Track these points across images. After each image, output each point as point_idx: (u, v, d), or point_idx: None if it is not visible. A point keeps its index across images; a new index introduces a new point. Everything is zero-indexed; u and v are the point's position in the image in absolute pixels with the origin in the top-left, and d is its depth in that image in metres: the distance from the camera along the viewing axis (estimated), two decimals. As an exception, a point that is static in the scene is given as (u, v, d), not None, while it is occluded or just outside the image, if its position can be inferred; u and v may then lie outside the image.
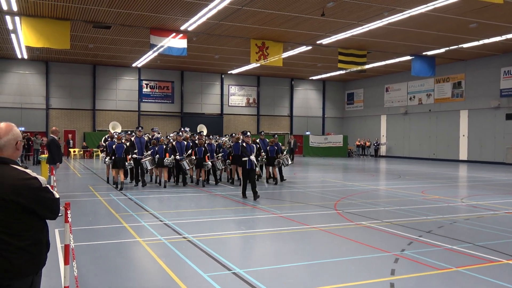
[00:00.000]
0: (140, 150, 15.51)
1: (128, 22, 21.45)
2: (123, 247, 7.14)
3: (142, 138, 15.79)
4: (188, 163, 15.21)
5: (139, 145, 15.52)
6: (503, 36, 23.30)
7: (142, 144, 15.61)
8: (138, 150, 15.46)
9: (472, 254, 6.76)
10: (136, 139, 15.65)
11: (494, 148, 29.67)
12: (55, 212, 3.07)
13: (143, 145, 15.58)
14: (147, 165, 15.04)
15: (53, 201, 3.02)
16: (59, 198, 3.09)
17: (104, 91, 35.55)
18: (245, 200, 12.33)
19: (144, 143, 15.71)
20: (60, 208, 3.18)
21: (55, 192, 3.08)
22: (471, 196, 13.80)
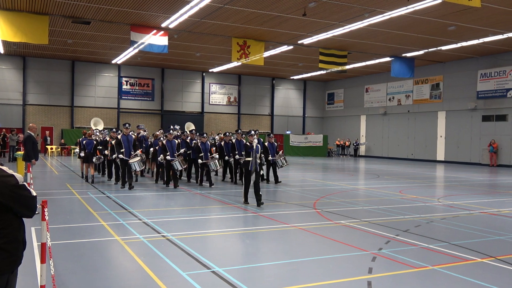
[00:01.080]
0: (128, 149, 14.13)
1: (108, 18, 21.20)
2: (101, 246, 7.07)
3: (129, 136, 14.45)
4: (181, 163, 14.36)
5: (126, 144, 14.15)
6: (480, 39, 23.76)
7: (130, 143, 14.27)
8: (125, 149, 14.06)
9: (447, 252, 6.89)
10: (123, 137, 14.28)
11: (470, 149, 30.24)
12: (32, 210, 3.03)
13: (130, 144, 14.25)
14: (136, 167, 13.95)
15: (30, 199, 2.99)
16: (36, 196, 3.05)
17: (83, 87, 35.08)
18: (227, 198, 12.31)
19: (132, 141, 14.39)
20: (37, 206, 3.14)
21: (32, 190, 3.04)
22: (448, 196, 14.05)
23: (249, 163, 11.13)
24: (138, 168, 14.07)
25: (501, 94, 28.11)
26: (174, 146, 14.71)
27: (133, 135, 14.56)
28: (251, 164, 11.06)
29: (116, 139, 14.42)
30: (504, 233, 8.39)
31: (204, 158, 15.17)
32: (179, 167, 14.43)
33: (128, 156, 14.02)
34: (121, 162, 14.16)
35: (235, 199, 12.29)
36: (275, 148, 16.52)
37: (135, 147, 14.36)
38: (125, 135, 14.29)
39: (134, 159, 13.98)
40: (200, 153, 15.24)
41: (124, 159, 14.01)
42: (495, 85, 28.49)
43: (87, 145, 15.87)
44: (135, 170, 14.12)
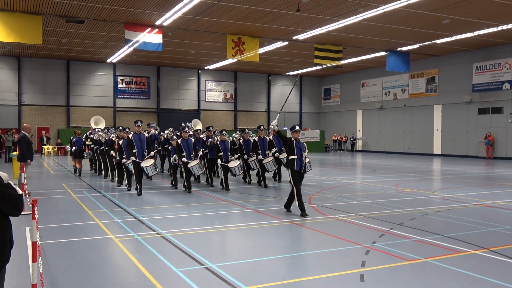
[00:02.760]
0: (140, 149, 12.54)
1: (101, 17, 21.14)
2: (95, 244, 7.07)
3: (142, 135, 12.78)
4: (199, 167, 12.88)
5: (138, 144, 12.54)
6: (475, 32, 23.74)
7: (143, 143, 12.61)
8: (137, 149, 12.51)
9: (441, 245, 6.91)
10: (134, 136, 12.67)
11: (466, 142, 30.29)
12: (18, 208, 3.03)
13: (143, 144, 12.61)
14: (149, 171, 12.57)
15: (16, 197, 2.99)
16: (22, 195, 3.05)
17: (79, 87, 35.01)
18: (222, 195, 12.31)
19: (145, 141, 12.74)
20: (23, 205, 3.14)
21: (17, 189, 3.04)
22: (443, 189, 14.09)
23: (293, 162, 9.32)
24: (151, 172, 12.64)
25: (497, 86, 28.15)
26: (190, 146, 13.02)
27: (145, 134, 13.17)
28: (296, 163, 9.30)
29: (128, 139, 12.87)
30: (498, 225, 8.42)
31: (224, 158, 13.65)
32: (197, 171, 12.85)
33: (141, 158, 12.54)
34: (134, 165, 12.62)
35: (234, 197, 12.30)
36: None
37: (148, 148, 12.77)
38: (137, 134, 12.67)
39: (148, 162, 12.49)
40: (219, 152, 13.77)
41: (136, 161, 12.49)
42: (491, 78, 28.52)
43: (76, 142, 17.52)
44: (147, 174, 12.77)
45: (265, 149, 14.27)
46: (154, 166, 12.72)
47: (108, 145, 15.37)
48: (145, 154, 12.62)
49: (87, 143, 18.58)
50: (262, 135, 14.62)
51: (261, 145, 14.33)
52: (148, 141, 12.94)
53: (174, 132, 16.92)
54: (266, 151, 14.27)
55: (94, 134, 17.97)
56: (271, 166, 14.11)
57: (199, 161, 12.90)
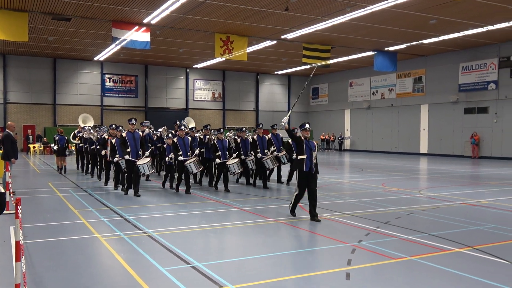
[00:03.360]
0: (134, 148, 12.01)
1: (88, 14, 20.96)
2: (81, 243, 7.02)
3: (136, 134, 12.23)
4: (196, 165, 12.45)
5: (132, 143, 12.02)
6: (461, 33, 23.98)
7: (137, 141, 12.10)
8: (131, 148, 11.96)
9: (426, 243, 6.97)
10: (128, 134, 12.11)
11: (453, 141, 30.59)
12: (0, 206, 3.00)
13: (137, 142, 12.09)
14: (144, 170, 11.97)
15: (-2, 196, 2.96)
16: (5, 193, 3.02)
17: (65, 85, 34.69)
18: (210, 194, 12.26)
19: (139, 139, 12.22)
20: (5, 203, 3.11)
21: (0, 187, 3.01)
22: (429, 188, 14.21)
23: (302, 162, 8.74)
24: (147, 171, 12.07)
25: (482, 86, 28.46)
26: (187, 145, 12.67)
27: (139, 132, 12.61)
28: (305, 164, 8.71)
29: (121, 137, 12.35)
30: (482, 223, 8.52)
31: (222, 157, 13.26)
32: (194, 169, 12.41)
33: (135, 157, 12.01)
34: (127, 164, 12.06)
35: (219, 195, 12.28)
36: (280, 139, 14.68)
37: (142, 147, 12.30)
38: (131, 133, 12.15)
39: (143, 160, 12.00)
40: (217, 152, 13.35)
41: (130, 160, 11.94)
42: (476, 78, 28.83)
43: (59, 140, 17.68)
44: (143, 173, 12.14)
45: (264, 147, 13.97)
46: (151, 164, 12.27)
47: (100, 144, 14.73)
48: (139, 154, 12.12)
49: (75, 142, 18.50)
50: (261, 134, 14.26)
51: (260, 144, 13.97)
52: (142, 140, 12.44)
53: (169, 130, 16.53)
54: (266, 150, 13.99)
55: (84, 132, 17.61)
56: (272, 164, 13.67)
57: (196, 159, 12.53)
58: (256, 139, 14.03)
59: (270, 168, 13.95)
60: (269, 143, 14.17)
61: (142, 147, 12.25)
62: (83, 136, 17.66)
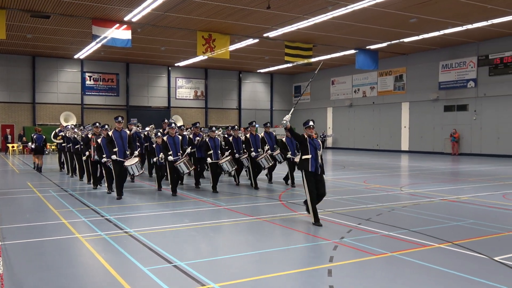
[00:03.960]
0: (122, 148, 11.40)
1: (68, 12, 20.66)
2: (61, 244, 6.92)
3: (123, 132, 11.61)
4: (187, 164, 11.88)
5: (119, 142, 11.40)
6: (441, 31, 24.29)
7: (124, 140, 11.47)
8: (119, 148, 11.35)
9: (407, 239, 7.05)
10: (115, 133, 11.48)
11: (433, 138, 30.99)
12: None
13: (125, 142, 11.46)
14: (133, 171, 11.34)
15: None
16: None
17: (45, 83, 34.16)
18: (193, 193, 12.19)
19: (127, 138, 11.57)
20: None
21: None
22: (410, 184, 14.38)
23: (307, 163, 8.22)
24: (136, 172, 11.41)
25: (462, 84, 28.88)
26: (177, 144, 12.13)
27: (126, 131, 11.97)
28: (310, 164, 8.21)
29: (107, 136, 11.64)
30: (462, 219, 8.65)
31: (214, 157, 12.63)
32: (185, 169, 11.82)
33: (123, 157, 11.38)
34: (115, 165, 11.38)
35: (205, 194, 12.24)
36: (273, 138, 14.23)
37: (130, 146, 11.64)
38: (118, 131, 11.50)
39: (132, 161, 11.33)
40: (209, 151, 12.66)
41: (118, 160, 11.30)
42: (456, 76, 29.25)
43: (37, 139, 18.06)
44: (132, 174, 11.52)
45: (258, 146, 13.51)
46: (139, 165, 11.58)
47: (84, 143, 13.99)
48: (127, 154, 11.44)
49: (56, 141, 18.27)
50: (254, 132, 13.78)
51: (253, 142, 13.49)
52: (130, 139, 11.74)
53: (157, 129, 15.99)
54: (259, 149, 13.53)
55: (67, 131, 16.83)
56: (267, 163, 13.19)
57: (187, 159, 12.00)
58: (250, 137, 13.55)
59: (266, 167, 13.45)
60: (262, 142, 13.74)
61: (130, 147, 11.60)
62: (66, 135, 16.98)
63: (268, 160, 13.24)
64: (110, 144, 11.40)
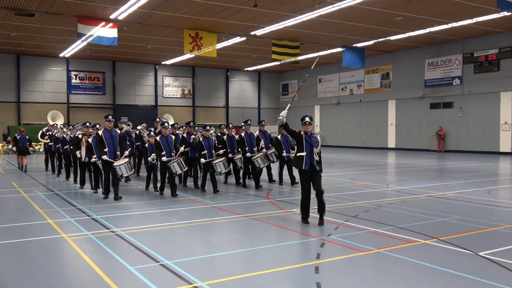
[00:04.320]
0: (112, 148, 11.02)
1: (53, 10, 20.43)
2: (47, 244, 6.85)
3: (113, 132, 11.21)
4: (180, 165, 11.41)
5: (109, 141, 11.01)
6: (426, 29, 24.48)
7: (115, 140, 11.10)
8: (109, 148, 10.97)
9: (393, 236, 7.11)
10: (105, 132, 11.07)
11: (419, 136, 31.25)
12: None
13: (115, 141, 11.10)
14: (122, 171, 10.82)
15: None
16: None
17: (30, 82, 33.74)
18: (185, 193, 12.11)
19: (117, 138, 11.21)
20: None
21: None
22: (397, 181, 14.49)
23: (301, 160, 8.09)
24: (125, 173, 10.92)
25: (447, 82, 29.15)
26: (171, 144, 11.73)
27: (117, 130, 11.55)
28: (305, 161, 8.08)
29: (97, 136, 11.18)
30: (447, 215, 8.74)
31: (208, 156, 12.12)
32: (178, 170, 11.37)
33: (113, 157, 10.99)
34: (104, 166, 11.05)
35: (192, 193, 12.20)
36: (268, 136, 13.80)
37: (121, 146, 11.26)
38: (108, 131, 11.11)
39: (121, 161, 10.90)
40: (202, 150, 12.18)
41: (108, 161, 10.89)
42: (442, 74, 29.50)
43: (20, 139, 18.05)
44: (121, 175, 10.95)
45: (253, 145, 13.12)
46: (129, 165, 11.02)
47: (74, 144, 13.52)
48: (117, 154, 11.04)
49: (43, 141, 18.00)
50: (249, 131, 13.35)
51: (248, 141, 13.09)
52: (121, 139, 11.35)
53: (148, 128, 15.38)
54: (254, 148, 13.12)
55: (56, 131, 16.25)
56: (262, 162, 12.72)
57: (180, 159, 11.53)
58: (244, 136, 13.18)
59: (261, 167, 12.87)
60: (257, 141, 13.29)
61: (120, 146, 11.22)
62: (54, 135, 16.37)
63: (264, 160, 12.81)
64: (100, 144, 11.01)
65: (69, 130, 15.22)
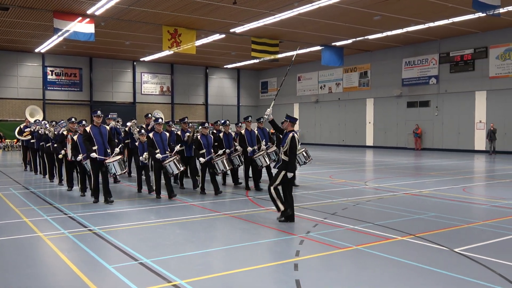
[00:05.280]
0: (102, 145, 10.10)
1: (28, 4, 20.01)
2: (22, 243, 6.72)
3: (102, 128, 10.36)
4: (177, 164, 10.63)
5: (99, 138, 10.10)
6: (404, 29, 24.80)
7: (104, 137, 10.21)
8: (98, 145, 10.05)
9: (371, 232, 7.19)
10: (93, 129, 10.18)
11: (397, 134, 31.68)
12: None
13: (104, 138, 10.20)
14: (115, 169, 9.98)
15: None
16: None
17: (4, 78, 32.97)
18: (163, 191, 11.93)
19: (107, 134, 10.32)
20: None
21: None
22: (374, 179, 14.66)
23: None
24: (118, 171, 10.04)
25: (424, 81, 29.60)
26: (165, 141, 10.87)
27: (106, 126, 10.65)
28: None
29: (84, 133, 10.21)
30: (424, 212, 8.88)
31: (206, 156, 11.37)
32: (175, 169, 10.60)
33: (103, 155, 10.10)
34: (93, 164, 10.15)
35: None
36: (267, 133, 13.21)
37: (111, 143, 10.41)
38: (97, 127, 10.24)
39: (113, 158, 10.06)
40: (201, 149, 11.43)
41: (98, 159, 10.01)
42: (418, 73, 29.94)
43: None
44: (114, 174, 10.18)
45: (253, 143, 12.27)
46: (122, 163, 10.17)
47: (58, 141, 12.45)
48: (107, 152, 10.16)
49: (22, 138, 16.69)
50: (249, 128, 12.58)
51: (249, 139, 12.22)
52: (110, 135, 10.50)
53: (140, 125, 14.40)
54: (255, 146, 12.28)
55: (38, 127, 14.95)
56: (264, 161, 11.88)
57: (177, 158, 10.71)
58: (245, 133, 12.33)
59: (264, 166, 12.01)
60: (257, 139, 12.56)
61: (110, 143, 10.35)
62: (37, 132, 15.04)
63: (266, 159, 11.94)
64: (88, 142, 10.06)
65: (52, 127, 13.83)
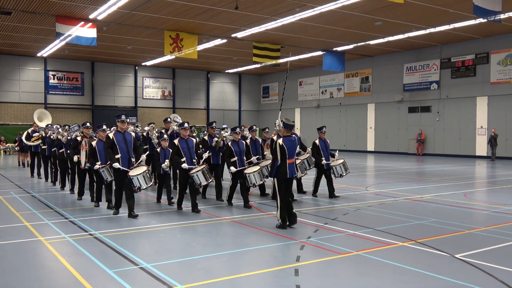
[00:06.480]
0: (126, 154, 9.02)
1: (31, 9, 20.10)
2: (23, 247, 6.73)
3: (127, 134, 9.16)
4: (206, 174, 9.41)
5: (123, 146, 9.00)
6: (405, 34, 24.85)
7: (129, 144, 9.08)
8: (122, 154, 8.97)
9: (372, 238, 7.18)
10: (117, 135, 9.04)
11: (398, 139, 31.67)
12: None
13: (130, 146, 9.09)
14: (140, 183, 8.81)
15: None
16: None
17: (6, 82, 33.08)
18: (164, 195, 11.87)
19: (132, 142, 9.16)
20: None
21: None
22: (375, 184, 14.65)
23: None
24: (144, 184, 8.87)
25: (425, 86, 29.62)
26: (191, 148, 9.64)
27: (131, 133, 9.41)
28: None
29: (107, 140, 9.09)
30: (425, 218, 8.87)
31: (238, 164, 10.30)
32: (203, 180, 9.37)
33: (127, 166, 8.98)
34: (117, 175, 9.07)
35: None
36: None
37: (136, 151, 9.24)
38: (121, 133, 9.07)
39: (137, 170, 8.93)
40: (232, 157, 10.32)
41: (122, 170, 8.87)
42: (420, 78, 29.97)
43: None
44: (138, 188, 8.87)
45: (258, 153, 11.49)
46: (148, 175, 9.01)
47: (71, 147, 11.48)
48: (132, 161, 9.06)
49: (31, 143, 16.01)
50: (254, 137, 11.83)
51: (253, 149, 11.31)
52: (136, 143, 9.33)
53: (159, 130, 13.53)
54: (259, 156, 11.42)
55: (50, 132, 14.08)
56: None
57: (205, 167, 9.52)
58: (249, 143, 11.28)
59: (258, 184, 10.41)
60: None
61: (136, 152, 9.20)
62: (49, 137, 14.08)
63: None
64: (111, 150, 8.95)
65: (65, 131, 12.89)
